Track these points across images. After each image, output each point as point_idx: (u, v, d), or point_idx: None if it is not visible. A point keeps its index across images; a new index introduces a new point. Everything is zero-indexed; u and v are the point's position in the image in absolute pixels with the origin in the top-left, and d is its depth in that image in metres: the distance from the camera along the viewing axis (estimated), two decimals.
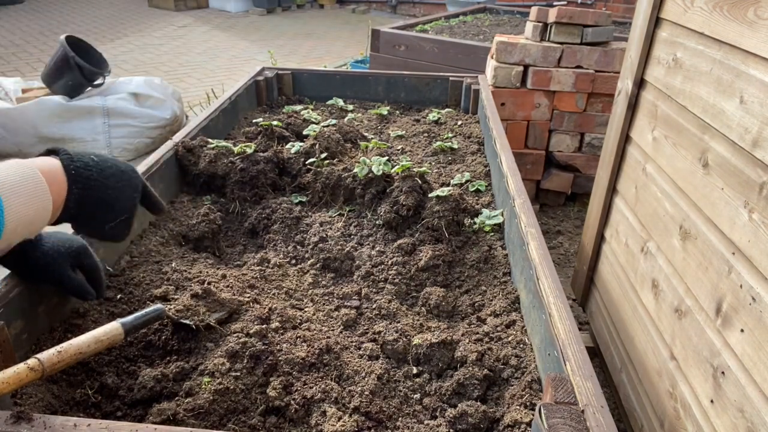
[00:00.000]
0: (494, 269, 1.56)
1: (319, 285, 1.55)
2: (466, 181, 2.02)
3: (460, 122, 2.63)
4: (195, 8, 10.47)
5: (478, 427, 1.06)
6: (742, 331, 1.31)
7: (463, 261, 1.60)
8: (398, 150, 2.31)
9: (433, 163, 2.19)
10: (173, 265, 1.50)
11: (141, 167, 1.69)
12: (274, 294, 1.46)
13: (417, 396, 1.19)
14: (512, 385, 1.17)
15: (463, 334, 1.32)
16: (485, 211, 1.75)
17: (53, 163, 0.93)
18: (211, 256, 1.66)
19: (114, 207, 1.03)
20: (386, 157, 1.97)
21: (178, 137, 1.97)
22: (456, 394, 1.17)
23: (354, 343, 1.32)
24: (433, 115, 2.66)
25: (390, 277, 1.54)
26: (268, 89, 2.77)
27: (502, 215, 1.71)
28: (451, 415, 1.09)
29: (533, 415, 1.02)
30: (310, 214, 1.84)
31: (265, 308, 1.32)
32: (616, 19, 5.14)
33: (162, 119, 4.12)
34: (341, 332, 1.36)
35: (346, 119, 2.54)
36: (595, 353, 2.36)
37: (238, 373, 1.11)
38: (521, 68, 3.28)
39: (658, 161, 1.84)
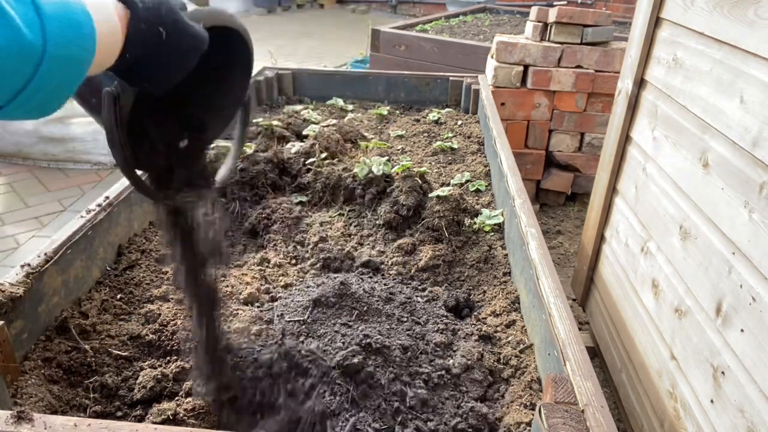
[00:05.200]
0: (494, 269, 1.56)
1: None
2: (466, 181, 2.02)
3: (460, 122, 2.63)
4: None
5: (478, 428, 1.06)
6: (742, 331, 1.31)
7: (463, 261, 1.60)
8: (398, 150, 2.31)
9: (433, 163, 2.19)
10: (173, 265, 1.50)
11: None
12: None
13: None
14: (512, 385, 1.17)
15: (463, 334, 1.32)
16: (485, 211, 1.75)
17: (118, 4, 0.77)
18: None
19: (170, 65, 0.82)
20: (386, 157, 1.97)
21: None
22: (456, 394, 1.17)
23: None
24: (433, 115, 2.66)
25: (390, 276, 1.54)
26: (268, 89, 2.77)
27: (502, 215, 1.71)
28: (451, 415, 1.09)
29: (533, 415, 1.02)
30: (310, 214, 1.84)
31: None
32: (616, 19, 5.14)
33: None
34: None
35: (346, 119, 2.54)
36: (595, 353, 2.35)
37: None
38: (521, 68, 3.28)
39: (658, 161, 1.84)
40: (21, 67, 0.62)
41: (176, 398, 1.07)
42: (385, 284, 1.45)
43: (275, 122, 2.24)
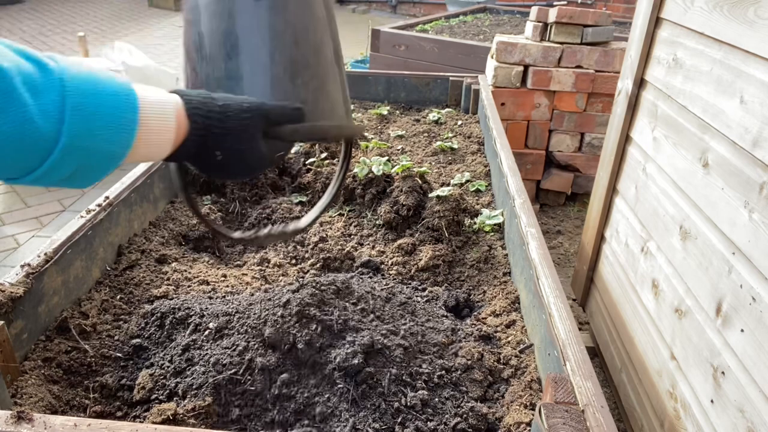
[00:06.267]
0: (494, 269, 1.56)
1: None
2: (466, 181, 2.02)
3: (460, 122, 2.63)
4: None
5: (478, 428, 1.06)
6: (742, 331, 1.31)
7: (463, 261, 1.60)
8: (398, 150, 2.31)
9: (433, 163, 2.19)
10: (173, 265, 1.50)
11: (140, 167, 1.69)
12: None
13: None
14: (512, 385, 1.16)
15: (463, 334, 1.32)
16: (485, 211, 1.75)
17: (177, 101, 0.80)
18: (211, 256, 1.66)
19: (234, 158, 0.88)
20: (386, 157, 1.97)
21: None
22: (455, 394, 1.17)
23: None
24: (433, 115, 2.66)
25: (390, 277, 1.54)
26: None
27: (502, 215, 1.71)
28: (451, 415, 1.09)
29: (533, 415, 1.02)
30: None
31: None
32: (616, 19, 5.14)
33: None
34: None
35: None
36: (595, 353, 2.35)
37: None
38: (521, 68, 3.28)
39: (658, 161, 1.84)
40: (26, 155, 0.61)
41: (176, 398, 1.07)
42: (385, 284, 1.45)
43: None
